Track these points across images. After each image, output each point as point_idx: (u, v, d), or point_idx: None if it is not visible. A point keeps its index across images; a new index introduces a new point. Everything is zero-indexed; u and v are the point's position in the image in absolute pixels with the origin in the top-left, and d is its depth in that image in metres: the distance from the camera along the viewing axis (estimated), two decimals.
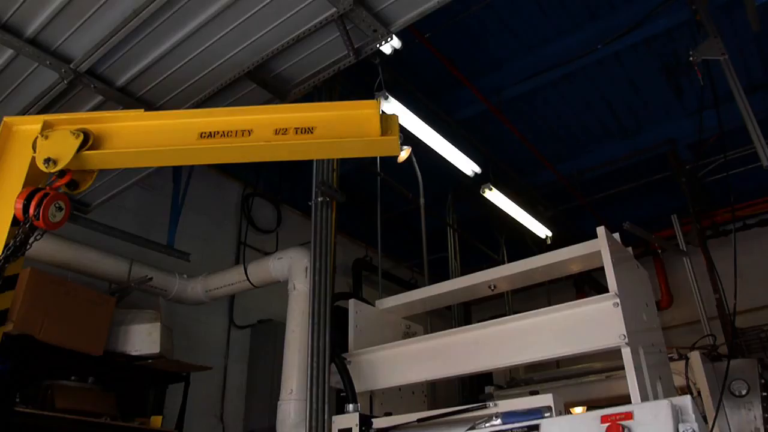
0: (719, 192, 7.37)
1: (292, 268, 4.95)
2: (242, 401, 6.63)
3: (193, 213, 6.49)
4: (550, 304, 2.91)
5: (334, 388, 3.30)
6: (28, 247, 2.48)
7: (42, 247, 4.61)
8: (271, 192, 7.59)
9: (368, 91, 4.76)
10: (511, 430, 1.37)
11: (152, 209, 6.24)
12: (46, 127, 2.43)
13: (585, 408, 4.17)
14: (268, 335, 6.57)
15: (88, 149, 2.39)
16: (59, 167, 2.37)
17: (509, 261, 3.59)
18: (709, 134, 5.93)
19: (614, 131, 7.06)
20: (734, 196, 6.60)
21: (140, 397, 5.61)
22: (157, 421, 5.20)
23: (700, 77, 4.26)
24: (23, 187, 2.37)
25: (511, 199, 6.94)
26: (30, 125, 2.46)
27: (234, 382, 6.62)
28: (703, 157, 6.74)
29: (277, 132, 2.35)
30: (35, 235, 2.46)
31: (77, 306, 4.83)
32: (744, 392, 4.53)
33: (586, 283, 8.44)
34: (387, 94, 4.62)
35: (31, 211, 2.33)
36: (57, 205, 2.39)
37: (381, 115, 2.33)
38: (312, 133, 2.32)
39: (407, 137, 5.40)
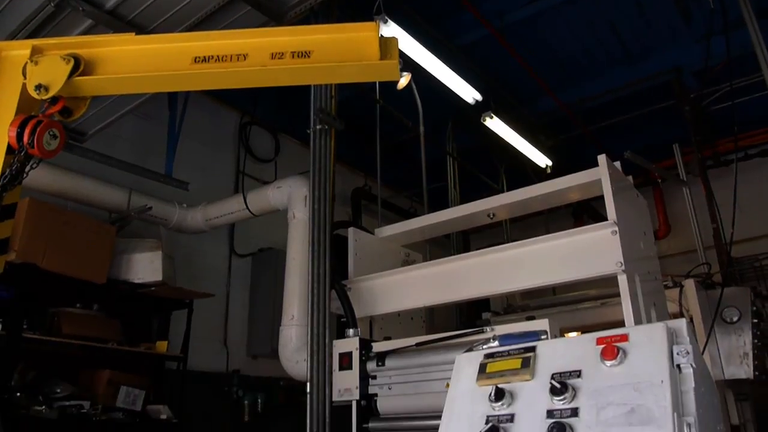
0: (722, 122, 7.28)
1: (291, 197, 4.96)
2: (245, 327, 6.80)
3: (190, 142, 6.42)
4: (548, 234, 2.93)
5: (334, 314, 3.36)
6: (25, 175, 2.47)
7: (39, 177, 4.59)
8: (269, 120, 7.49)
9: (367, 16, 4.60)
10: (508, 351, 1.39)
11: (149, 138, 6.18)
12: (35, 52, 2.37)
13: (580, 333, 4.28)
14: (269, 263, 6.65)
15: (80, 75, 2.34)
16: (51, 94, 2.33)
17: (509, 191, 3.59)
18: (716, 62, 5.80)
19: (618, 57, 6.89)
20: (737, 125, 6.52)
21: (145, 323, 5.75)
22: (162, 346, 5.35)
23: (710, 0, 4.12)
24: (15, 114, 2.33)
25: (512, 128, 6.86)
26: (19, 50, 2.40)
27: (236, 308, 6.76)
28: (709, 85, 6.61)
29: (273, 56, 2.28)
30: (31, 163, 2.45)
31: (78, 235, 4.87)
32: (735, 319, 4.63)
33: (585, 213, 8.47)
34: (386, 17, 4.48)
35: (26, 138, 2.31)
36: (51, 133, 2.36)
37: (380, 39, 2.26)
38: (309, 57, 2.25)
39: (407, 63, 5.27)
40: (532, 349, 1.39)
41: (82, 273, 4.83)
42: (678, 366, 1.24)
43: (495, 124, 6.60)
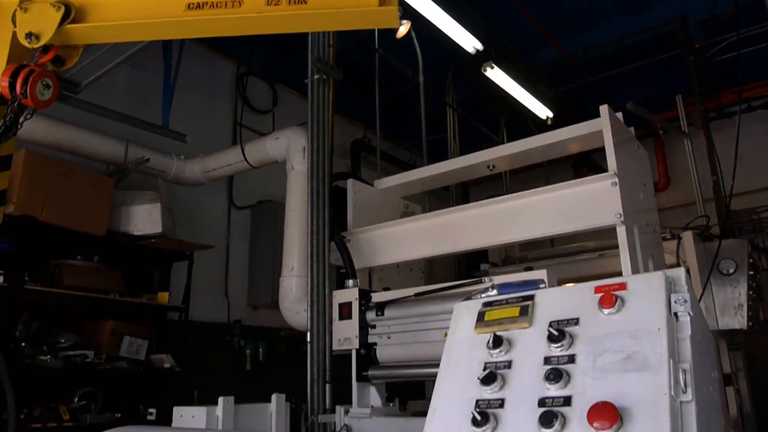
0: (726, 73, 7.16)
1: (289, 148, 4.92)
2: (245, 278, 6.86)
3: (186, 93, 6.33)
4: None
5: (333, 265, 3.38)
6: (19, 126, 2.45)
7: (34, 128, 4.54)
8: (266, 71, 7.37)
9: None
10: (506, 300, 1.40)
11: (144, 89, 6.08)
12: None
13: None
14: (268, 215, 6.66)
15: (71, 23, 2.28)
16: (42, 42, 2.27)
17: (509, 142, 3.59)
18: (722, 11, 5.67)
19: (623, 5, 6.72)
20: (742, 76, 6.43)
21: (146, 275, 5.79)
22: (163, 297, 5.41)
23: None
24: (7, 64, 2.29)
25: (513, 79, 6.76)
26: None
27: (236, 260, 6.81)
28: (714, 35, 6.48)
29: (269, 2, 2.21)
30: (25, 114, 2.43)
31: (76, 187, 4.85)
32: (732, 270, 4.67)
33: (585, 165, 8.43)
34: None
35: (18, 88, 2.28)
36: (44, 83, 2.33)
37: None
38: (306, 3, 2.19)
39: (406, 11, 5.15)
40: (531, 297, 1.40)
41: (81, 225, 4.83)
42: (675, 314, 1.25)
43: (496, 74, 6.50)
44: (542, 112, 7.57)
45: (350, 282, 3.21)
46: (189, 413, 2.70)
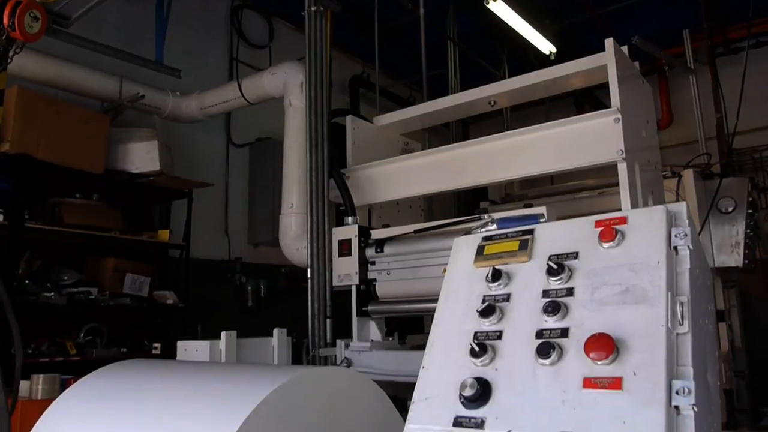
0: (735, 8, 6.94)
1: (287, 84, 4.83)
2: (245, 216, 6.88)
3: (180, 28, 6.16)
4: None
5: (333, 203, 3.38)
6: (9, 60, 2.39)
7: (25, 63, 4.44)
8: (262, 3, 7.15)
9: None
10: (506, 234, 1.39)
11: (136, 24, 5.91)
12: None
13: None
14: (267, 153, 6.61)
15: None
16: None
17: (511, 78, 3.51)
18: None
19: None
20: (752, 9, 6.23)
21: (146, 213, 5.81)
22: (164, 234, 5.43)
23: None
24: None
25: (516, 11, 6.55)
26: None
27: (236, 198, 6.81)
28: None
29: None
30: (14, 47, 2.37)
31: (71, 124, 4.79)
32: (731, 209, 4.67)
33: (587, 102, 8.30)
34: None
35: (6, 20, 2.22)
36: (32, 15, 2.26)
37: None
38: None
39: None
40: (530, 231, 1.40)
41: (78, 163, 4.80)
42: (675, 248, 1.25)
43: (498, 7, 6.29)
44: (545, 47, 7.38)
45: (350, 219, 3.22)
46: (193, 347, 2.75)
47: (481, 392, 1.18)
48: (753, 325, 6.04)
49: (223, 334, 2.70)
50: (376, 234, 3.14)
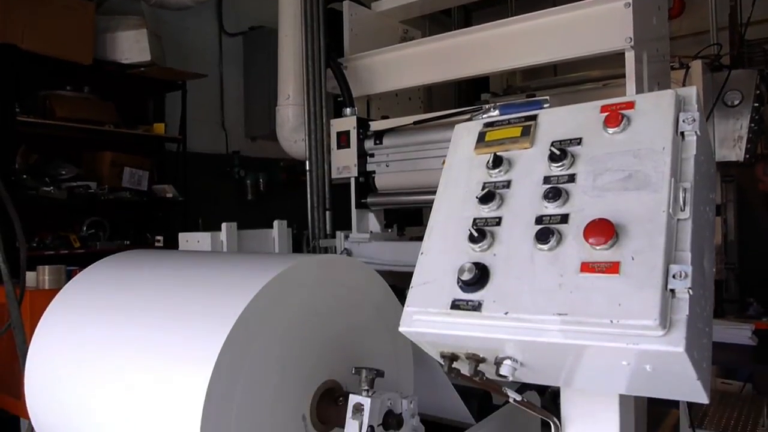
0: None
1: None
2: (241, 108, 6.76)
3: None
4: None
5: (330, 94, 3.29)
6: None
7: None
8: None
9: None
10: (508, 120, 1.35)
11: None
12: None
13: None
14: (261, 43, 6.38)
15: None
16: None
17: None
18: None
19: None
20: None
21: (140, 106, 5.70)
22: (159, 128, 5.37)
23: None
24: None
25: None
26: None
27: (231, 90, 6.66)
28: None
29: None
30: None
31: (54, 12, 4.59)
32: (737, 102, 4.60)
33: None
34: None
35: None
36: None
37: None
38: None
39: None
40: (533, 117, 1.36)
41: (65, 53, 4.64)
42: (682, 133, 1.22)
43: None
44: None
45: (348, 110, 3.14)
46: (194, 238, 2.78)
47: (479, 276, 1.19)
48: (747, 220, 6.13)
49: (224, 225, 2.72)
50: (375, 125, 3.08)
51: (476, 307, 1.18)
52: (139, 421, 1.43)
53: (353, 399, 1.37)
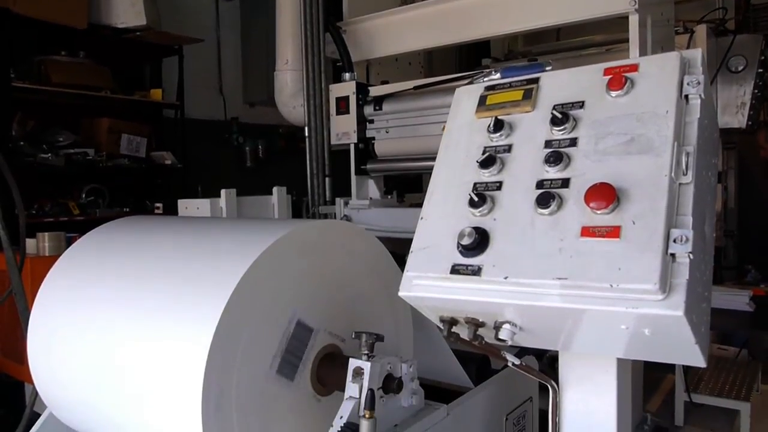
0: None
1: None
2: (239, 74, 6.68)
3: None
4: None
5: (329, 58, 3.24)
6: None
7: None
8: None
9: None
10: (510, 83, 1.33)
11: None
12: None
13: None
14: (259, 6, 6.27)
15: None
16: None
17: None
18: None
19: None
20: None
21: (136, 71, 5.63)
22: (156, 93, 5.30)
23: None
24: None
25: None
26: None
27: (229, 55, 6.57)
28: None
29: None
30: None
31: None
32: (741, 68, 4.54)
33: None
34: None
35: None
36: None
37: None
38: None
39: None
40: (535, 80, 1.33)
41: (59, 17, 4.56)
42: (686, 97, 1.20)
43: None
44: None
45: (347, 75, 3.11)
46: (194, 205, 2.77)
47: (479, 241, 1.18)
48: (747, 187, 6.11)
49: (223, 192, 2.71)
50: (375, 91, 3.05)
51: (476, 271, 1.18)
52: (140, 384, 1.44)
53: (353, 363, 1.38)
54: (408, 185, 3.73)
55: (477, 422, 1.79)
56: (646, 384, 3.11)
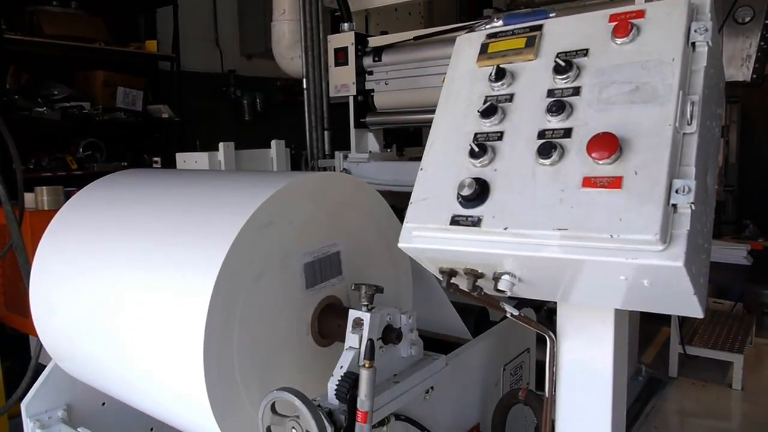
0: None
1: None
2: (236, 25, 6.54)
3: None
4: None
5: (327, 8, 3.17)
6: None
7: None
8: None
9: None
10: (512, 31, 1.30)
11: None
12: None
13: None
14: None
15: None
16: None
17: None
18: None
19: None
20: None
21: (130, 22, 5.51)
22: (151, 45, 5.21)
23: None
24: None
25: None
26: None
27: (225, 5, 6.41)
28: None
29: None
30: None
31: None
32: (748, 19, 4.43)
33: None
34: None
35: None
36: None
37: None
38: None
39: None
40: (539, 27, 1.30)
41: None
42: (693, 44, 1.17)
43: None
44: None
45: (345, 26, 3.04)
46: (192, 158, 2.76)
47: (479, 192, 1.17)
48: (749, 142, 6.07)
49: (221, 145, 2.69)
50: (374, 42, 2.98)
51: (476, 222, 1.17)
52: (142, 333, 1.45)
53: (353, 314, 1.39)
54: (408, 139, 3.71)
55: (475, 372, 1.82)
56: (642, 336, 3.15)
